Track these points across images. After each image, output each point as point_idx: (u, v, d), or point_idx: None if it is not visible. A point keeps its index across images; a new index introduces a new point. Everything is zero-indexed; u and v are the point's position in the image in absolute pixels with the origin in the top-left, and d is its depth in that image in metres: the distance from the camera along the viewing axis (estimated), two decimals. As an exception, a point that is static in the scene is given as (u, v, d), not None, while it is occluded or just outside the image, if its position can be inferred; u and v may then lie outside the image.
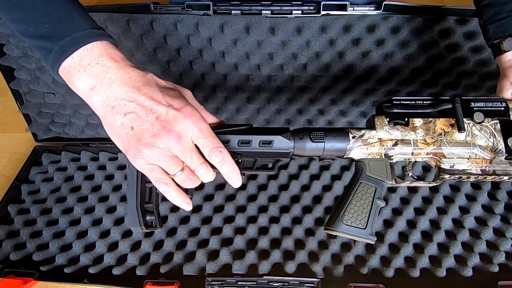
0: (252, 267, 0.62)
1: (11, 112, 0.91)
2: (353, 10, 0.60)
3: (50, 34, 0.37)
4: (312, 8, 0.60)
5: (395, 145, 0.47)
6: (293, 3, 0.60)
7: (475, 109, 0.47)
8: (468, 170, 0.46)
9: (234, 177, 0.42)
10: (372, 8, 0.60)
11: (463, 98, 0.47)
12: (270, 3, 0.60)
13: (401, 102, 0.48)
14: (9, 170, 0.81)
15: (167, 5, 0.62)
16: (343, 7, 0.60)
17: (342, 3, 0.60)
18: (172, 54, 0.68)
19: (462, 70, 0.67)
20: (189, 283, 0.60)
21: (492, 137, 0.46)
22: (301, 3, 0.60)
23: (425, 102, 0.48)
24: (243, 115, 0.75)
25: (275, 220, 0.68)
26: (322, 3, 0.59)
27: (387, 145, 0.47)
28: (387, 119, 0.47)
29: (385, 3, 0.60)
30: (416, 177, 0.50)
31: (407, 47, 0.65)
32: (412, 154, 0.47)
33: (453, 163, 0.47)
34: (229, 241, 0.65)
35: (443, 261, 0.60)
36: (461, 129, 0.45)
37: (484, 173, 0.46)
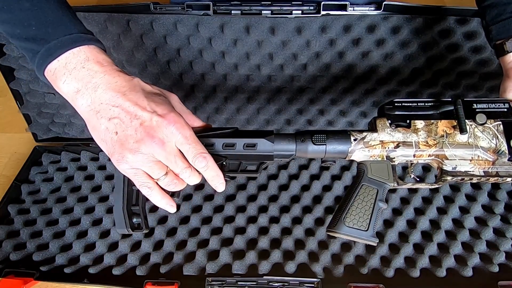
0: (252, 267, 0.62)
1: (11, 112, 0.91)
2: (353, 10, 0.60)
3: (37, 36, 0.37)
4: (312, 8, 0.60)
5: (397, 147, 0.47)
6: (293, 3, 0.60)
7: (477, 110, 0.47)
8: (470, 171, 0.46)
9: (217, 182, 0.43)
10: (372, 8, 0.60)
11: (465, 99, 0.47)
12: (270, 3, 0.60)
13: (403, 104, 0.48)
14: (9, 170, 0.81)
15: (167, 5, 0.62)
16: (343, 7, 0.60)
17: (342, 3, 0.60)
18: (172, 54, 0.68)
19: (462, 70, 0.67)
20: (189, 283, 0.60)
21: (494, 138, 0.46)
22: (301, 3, 0.60)
23: (426, 104, 0.48)
24: (243, 115, 0.75)
25: (275, 220, 0.68)
26: (322, 3, 0.59)
27: (388, 147, 0.47)
28: (389, 121, 0.47)
29: (385, 3, 0.60)
30: (418, 179, 0.50)
31: (407, 47, 0.65)
32: (414, 156, 0.47)
33: (456, 165, 0.46)
34: (229, 241, 0.65)
35: (443, 261, 0.61)
36: (463, 131, 0.45)
37: (486, 174, 0.46)
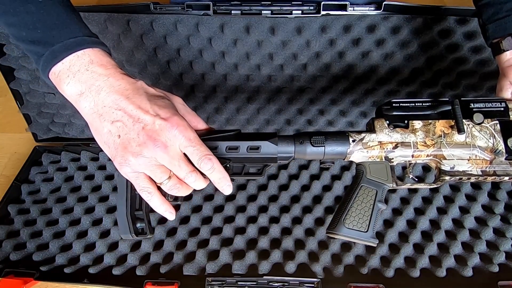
0: (252, 267, 0.62)
1: (11, 112, 0.91)
2: (353, 10, 0.60)
3: (42, 39, 0.38)
4: (312, 8, 0.60)
5: (395, 147, 0.47)
6: (293, 3, 0.60)
7: (474, 110, 0.47)
8: (468, 171, 0.46)
9: (224, 184, 0.42)
10: (372, 8, 0.60)
11: (462, 99, 0.47)
12: (270, 3, 0.60)
13: (401, 104, 0.48)
14: (9, 170, 0.81)
15: (167, 5, 0.62)
16: (343, 7, 0.60)
17: (342, 3, 0.60)
18: (172, 54, 0.68)
19: (462, 70, 0.67)
20: (189, 283, 0.60)
21: (492, 138, 0.46)
22: (301, 3, 0.60)
23: (424, 104, 0.48)
24: (243, 115, 0.75)
25: (275, 220, 0.68)
26: (322, 3, 0.59)
27: (387, 148, 0.47)
28: (387, 121, 0.47)
29: (385, 3, 0.60)
30: (416, 179, 0.50)
31: (407, 47, 0.65)
32: (412, 156, 0.47)
33: (454, 165, 0.47)
34: (229, 241, 0.65)
35: (443, 261, 0.60)
36: (460, 130, 0.45)
37: (484, 173, 0.46)
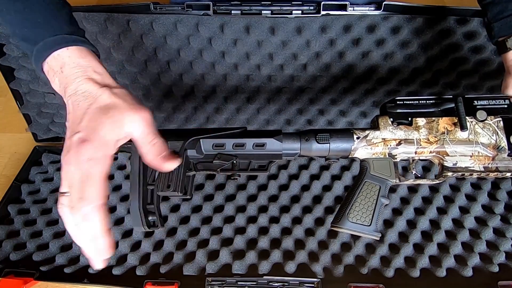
0: (252, 267, 0.62)
1: (11, 112, 0.90)
2: (353, 10, 0.60)
3: (30, 37, 0.39)
4: (312, 8, 0.60)
5: (399, 144, 0.48)
6: (293, 3, 0.60)
7: (478, 107, 0.47)
8: (471, 167, 0.47)
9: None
10: (372, 8, 0.60)
11: (466, 96, 0.48)
12: (270, 3, 0.60)
13: (404, 102, 0.49)
14: (9, 170, 0.81)
15: (167, 5, 0.62)
16: (343, 7, 0.60)
17: (342, 3, 0.60)
18: (172, 54, 0.68)
19: (462, 70, 0.67)
20: (189, 283, 0.60)
21: (494, 134, 0.47)
22: (301, 3, 0.60)
23: (428, 101, 0.49)
24: (243, 115, 0.75)
25: (275, 220, 0.68)
26: (322, 3, 0.59)
27: (390, 145, 0.48)
28: (391, 119, 0.48)
29: (385, 3, 0.60)
30: (419, 175, 0.51)
31: (407, 47, 0.65)
32: (415, 153, 0.48)
33: (456, 161, 0.47)
34: (229, 241, 0.65)
35: (443, 261, 0.60)
36: (463, 128, 0.46)
37: (486, 170, 0.47)
